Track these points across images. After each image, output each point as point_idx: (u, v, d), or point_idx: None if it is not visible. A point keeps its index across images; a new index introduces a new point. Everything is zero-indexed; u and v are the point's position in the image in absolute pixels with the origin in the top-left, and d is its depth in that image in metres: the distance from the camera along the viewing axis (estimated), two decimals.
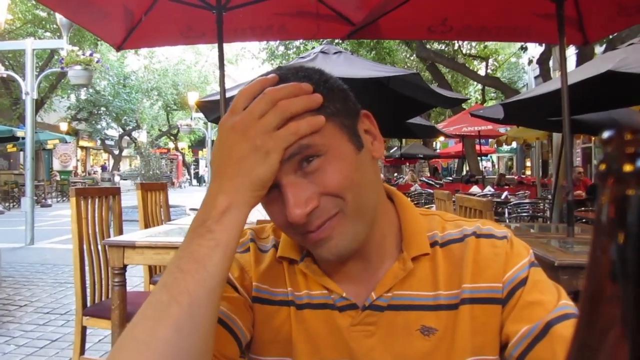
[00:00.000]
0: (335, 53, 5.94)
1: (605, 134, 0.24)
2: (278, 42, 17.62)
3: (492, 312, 0.74)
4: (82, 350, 2.95)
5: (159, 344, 0.58)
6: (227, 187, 0.64)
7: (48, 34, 19.08)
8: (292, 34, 4.72)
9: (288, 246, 0.82)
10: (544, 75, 11.33)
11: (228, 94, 4.00)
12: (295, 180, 0.67)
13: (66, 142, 22.14)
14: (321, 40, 9.87)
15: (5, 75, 10.55)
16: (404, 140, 19.37)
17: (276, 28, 4.14)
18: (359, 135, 0.72)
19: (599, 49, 10.69)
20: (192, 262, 0.62)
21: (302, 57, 6.36)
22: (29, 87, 9.35)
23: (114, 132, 31.38)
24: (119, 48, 4.16)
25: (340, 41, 9.67)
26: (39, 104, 18.45)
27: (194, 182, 41.35)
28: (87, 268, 2.96)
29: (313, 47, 11.41)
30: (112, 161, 33.25)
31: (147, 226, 3.82)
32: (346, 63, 5.71)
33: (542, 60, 11.57)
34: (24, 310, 4.94)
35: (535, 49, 13.97)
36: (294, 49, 17.73)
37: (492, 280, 0.75)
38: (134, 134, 32.67)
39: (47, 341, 4.06)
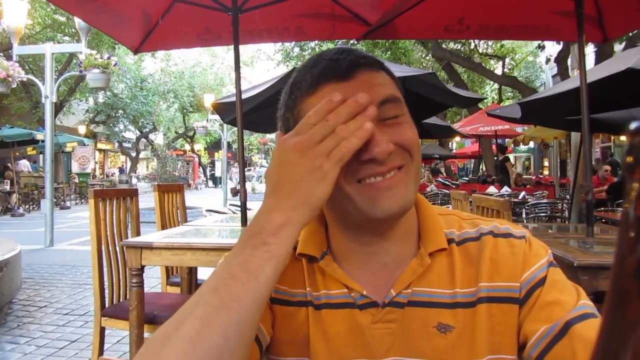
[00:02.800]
0: None
1: (633, 126, 0.23)
2: (293, 43, 17.67)
3: (509, 312, 0.74)
4: (101, 351, 2.97)
5: (205, 347, 0.58)
6: (283, 205, 0.66)
7: (67, 38, 19.31)
8: (307, 35, 4.72)
9: (308, 243, 0.83)
10: (562, 74, 11.20)
11: (244, 96, 4.02)
12: (379, 127, 0.71)
13: (84, 145, 22.42)
14: (336, 41, 9.89)
15: (25, 79, 10.70)
16: (419, 141, 19.26)
17: (292, 29, 4.15)
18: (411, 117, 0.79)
19: (618, 47, 10.54)
20: (244, 271, 0.62)
21: None
22: (48, 90, 9.47)
23: (131, 134, 31.68)
24: (136, 51, 4.19)
25: (356, 42, 9.66)
26: (58, 107, 18.72)
27: (210, 183, 41.58)
28: (105, 269, 2.99)
29: (328, 48, 11.36)
30: (129, 163, 33.58)
31: (164, 227, 3.85)
32: None
33: (560, 59, 11.44)
34: (44, 311, 5.00)
35: (552, 48, 13.85)
36: (310, 50, 17.75)
37: (510, 280, 0.75)
38: (151, 136, 32.93)
39: (66, 342, 4.11)
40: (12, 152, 17.06)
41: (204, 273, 3.26)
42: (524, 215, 6.91)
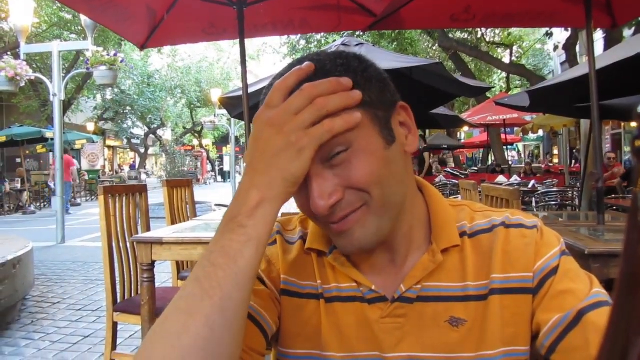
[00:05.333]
0: (357, 45, 5.90)
1: None
2: (299, 36, 17.63)
3: (522, 302, 0.73)
4: (114, 346, 3.00)
5: (190, 338, 0.58)
6: (259, 182, 0.64)
7: (73, 35, 19.40)
8: (313, 27, 4.70)
9: (317, 238, 0.82)
10: (571, 61, 11.09)
11: (250, 90, 4.01)
12: (322, 172, 0.67)
13: (93, 142, 22.58)
14: (342, 32, 9.85)
15: (33, 78, 10.75)
16: (427, 131, 19.23)
17: (297, 22, 4.13)
18: (391, 128, 0.71)
19: (627, 32, 10.41)
20: (223, 257, 0.61)
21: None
22: (56, 88, 9.52)
23: (139, 130, 31.82)
24: (142, 47, 4.20)
25: (362, 33, 9.62)
26: (66, 105, 18.80)
27: (219, 178, 41.69)
28: (116, 265, 3.01)
29: (334, 40, 11.36)
30: (138, 159, 33.74)
31: (173, 222, 3.86)
32: (368, 55, 5.66)
33: (569, 46, 11.32)
34: (57, 307, 5.05)
35: (560, 35, 13.70)
36: (315, 43, 17.70)
37: (523, 270, 0.74)
38: (159, 132, 33.06)
39: (80, 337, 4.15)
40: (22, 150, 17.18)
41: None
42: (534, 204, 6.88)
